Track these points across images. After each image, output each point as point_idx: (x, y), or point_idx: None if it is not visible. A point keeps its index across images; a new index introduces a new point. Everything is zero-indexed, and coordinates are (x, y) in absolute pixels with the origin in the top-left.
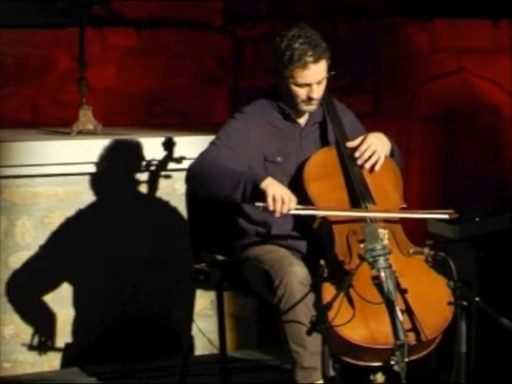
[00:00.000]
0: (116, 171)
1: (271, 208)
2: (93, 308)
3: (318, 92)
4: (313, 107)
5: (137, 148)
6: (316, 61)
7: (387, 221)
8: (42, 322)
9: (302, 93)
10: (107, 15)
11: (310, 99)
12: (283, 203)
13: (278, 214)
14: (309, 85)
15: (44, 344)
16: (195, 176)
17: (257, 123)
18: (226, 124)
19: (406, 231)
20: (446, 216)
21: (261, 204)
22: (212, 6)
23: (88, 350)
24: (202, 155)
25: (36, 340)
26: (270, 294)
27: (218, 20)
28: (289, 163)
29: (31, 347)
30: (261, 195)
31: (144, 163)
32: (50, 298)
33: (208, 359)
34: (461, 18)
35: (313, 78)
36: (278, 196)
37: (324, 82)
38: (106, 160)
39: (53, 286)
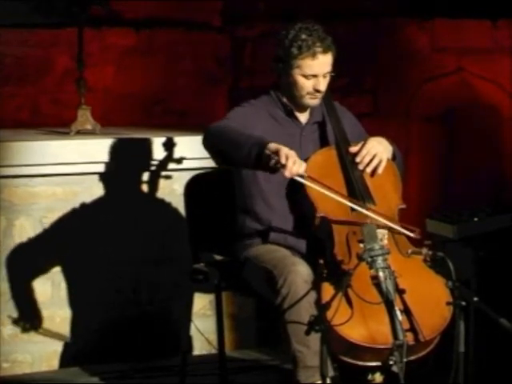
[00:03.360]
0: (115, 171)
1: (283, 161)
2: (92, 308)
3: (324, 85)
4: (317, 101)
5: (136, 148)
6: (324, 52)
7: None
8: (41, 322)
9: (308, 85)
10: (106, 15)
11: (315, 91)
12: (295, 163)
13: (287, 173)
14: (315, 76)
15: (43, 344)
16: (212, 135)
17: (261, 115)
18: (233, 109)
19: None
20: (412, 234)
21: (275, 158)
22: (211, 6)
23: (87, 349)
24: (216, 123)
25: (35, 340)
26: (273, 294)
27: (217, 20)
28: None
29: (30, 347)
30: (269, 156)
31: (143, 163)
32: (49, 298)
33: (206, 359)
34: (460, 18)
35: (320, 69)
36: (292, 154)
37: (328, 77)
38: (105, 160)
39: (52, 285)
